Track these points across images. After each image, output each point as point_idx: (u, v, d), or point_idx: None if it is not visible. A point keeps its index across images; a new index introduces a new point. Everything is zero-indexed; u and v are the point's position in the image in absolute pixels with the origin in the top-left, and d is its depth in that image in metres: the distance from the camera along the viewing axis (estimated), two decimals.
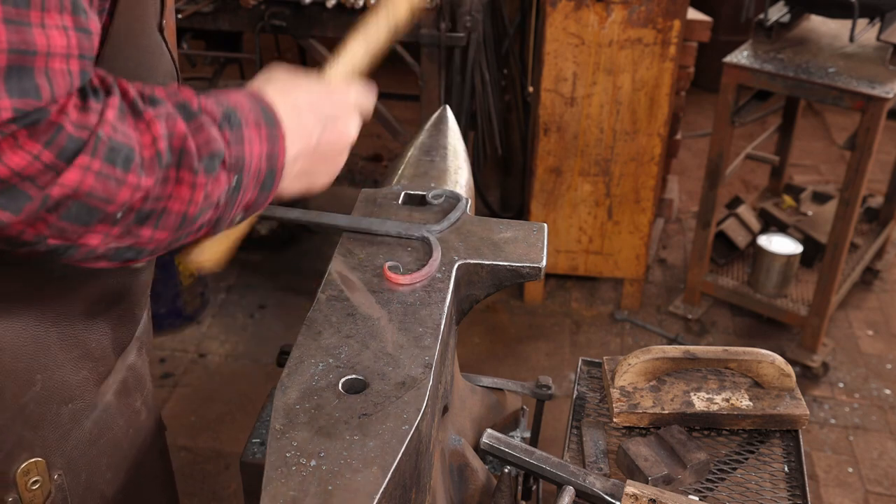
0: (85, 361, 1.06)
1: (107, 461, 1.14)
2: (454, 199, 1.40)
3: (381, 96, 3.71)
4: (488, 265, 1.28)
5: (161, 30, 1.02)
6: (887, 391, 3.15)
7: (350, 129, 1.04)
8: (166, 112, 0.81)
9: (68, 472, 1.08)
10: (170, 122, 0.80)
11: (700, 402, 1.43)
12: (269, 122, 0.91)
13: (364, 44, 1.11)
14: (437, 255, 1.25)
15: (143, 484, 1.24)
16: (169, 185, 0.80)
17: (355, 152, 4.58)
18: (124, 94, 0.79)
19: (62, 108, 0.72)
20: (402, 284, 1.21)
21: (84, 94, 0.75)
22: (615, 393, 1.45)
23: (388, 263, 1.24)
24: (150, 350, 1.29)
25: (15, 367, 0.98)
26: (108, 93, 0.77)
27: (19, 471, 1.02)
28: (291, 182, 0.99)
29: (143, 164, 0.77)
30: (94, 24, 0.77)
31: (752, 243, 3.49)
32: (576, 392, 1.52)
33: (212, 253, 1.04)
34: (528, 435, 1.76)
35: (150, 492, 1.27)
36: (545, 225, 1.38)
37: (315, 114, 0.98)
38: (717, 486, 1.35)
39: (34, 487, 1.04)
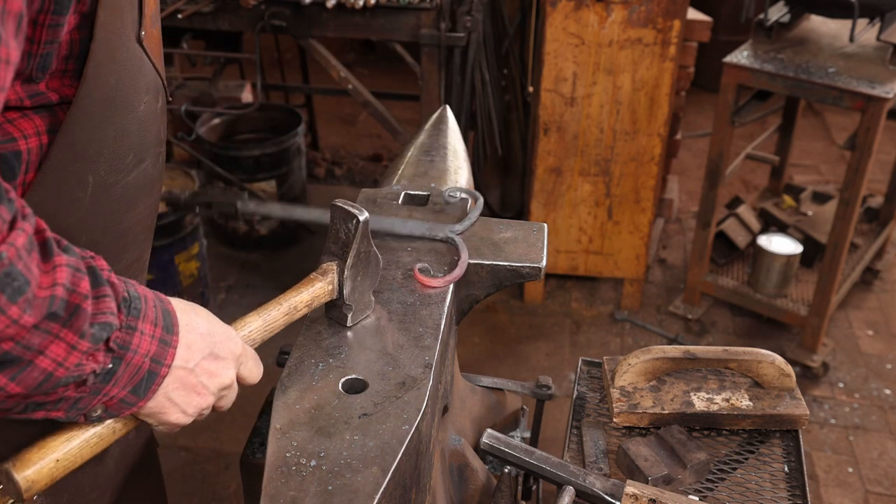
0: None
1: (90, 482, 1.12)
2: (470, 197, 1.39)
3: (382, 96, 3.72)
4: (488, 265, 1.28)
5: (140, 41, 0.99)
6: (887, 391, 3.15)
7: (226, 377, 0.98)
8: (76, 265, 0.78)
9: (50, 493, 1.05)
10: (76, 276, 0.77)
11: (700, 402, 1.43)
12: (167, 327, 0.89)
13: (285, 315, 1.11)
14: (464, 255, 1.25)
15: (127, 494, 1.22)
16: (48, 339, 0.75)
17: (355, 152, 4.58)
18: (40, 231, 0.76)
19: None
20: (433, 287, 1.22)
21: None
22: (615, 393, 1.45)
23: (419, 266, 1.24)
24: None
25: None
26: (24, 218, 0.74)
27: None
28: (160, 402, 0.91)
29: (32, 302, 0.73)
30: (13, 51, 0.73)
31: (752, 243, 3.49)
32: (576, 392, 1.52)
33: (39, 472, 0.87)
34: (528, 435, 1.76)
35: (136, 496, 1.25)
36: (545, 225, 1.38)
37: (205, 341, 0.95)
38: (717, 486, 1.35)
39: None
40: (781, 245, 3.27)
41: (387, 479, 0.90)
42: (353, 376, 1.05)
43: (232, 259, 3.71)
